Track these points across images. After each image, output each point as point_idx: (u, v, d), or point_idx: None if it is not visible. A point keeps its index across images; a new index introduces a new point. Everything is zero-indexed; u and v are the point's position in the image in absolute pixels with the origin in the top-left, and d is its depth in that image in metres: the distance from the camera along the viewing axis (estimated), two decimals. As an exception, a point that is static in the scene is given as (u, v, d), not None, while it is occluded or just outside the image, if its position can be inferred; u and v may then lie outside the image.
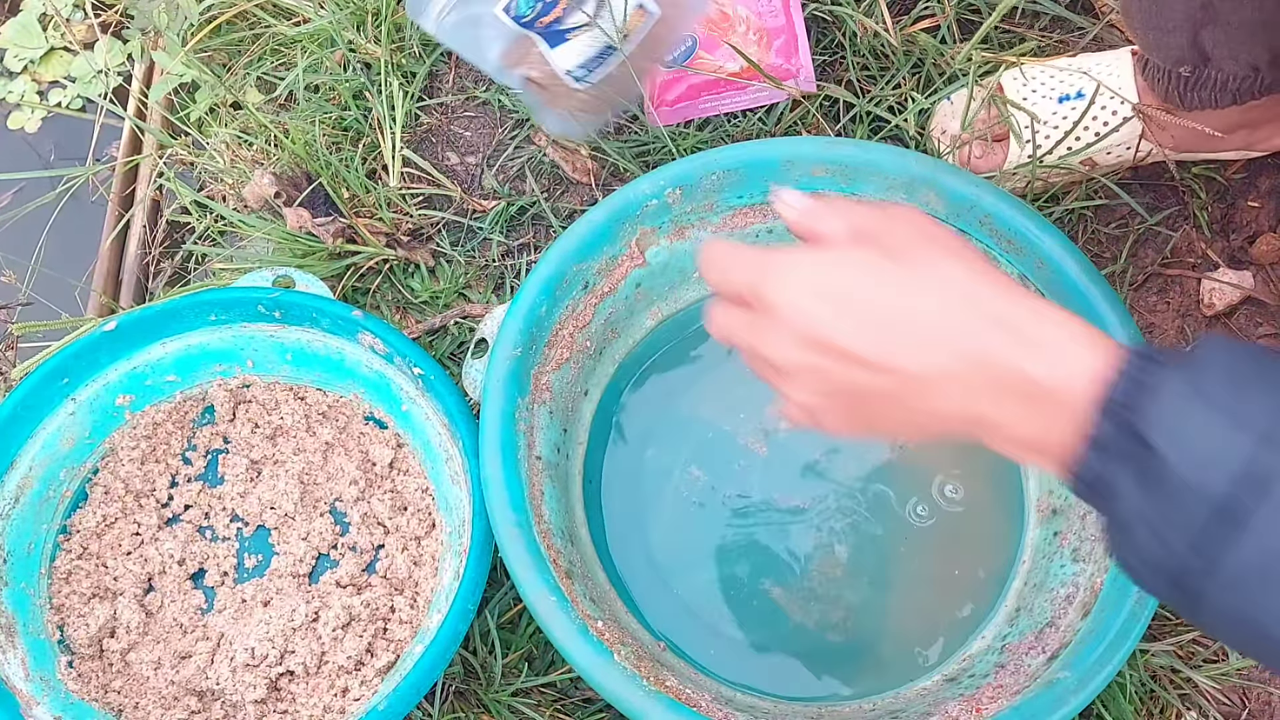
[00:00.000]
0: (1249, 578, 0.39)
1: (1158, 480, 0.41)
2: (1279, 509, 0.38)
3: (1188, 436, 0.41)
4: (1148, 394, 0.43)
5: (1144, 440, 0.42)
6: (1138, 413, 0.43)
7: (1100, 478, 0.44)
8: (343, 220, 1.02)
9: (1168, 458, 0.41)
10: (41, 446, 0.91)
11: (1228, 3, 0.74)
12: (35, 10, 1.27)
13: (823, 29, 1.07)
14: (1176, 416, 0.41)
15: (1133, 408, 0.43)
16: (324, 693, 0.85)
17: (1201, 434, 0.41)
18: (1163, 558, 0.42)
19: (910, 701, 0.82)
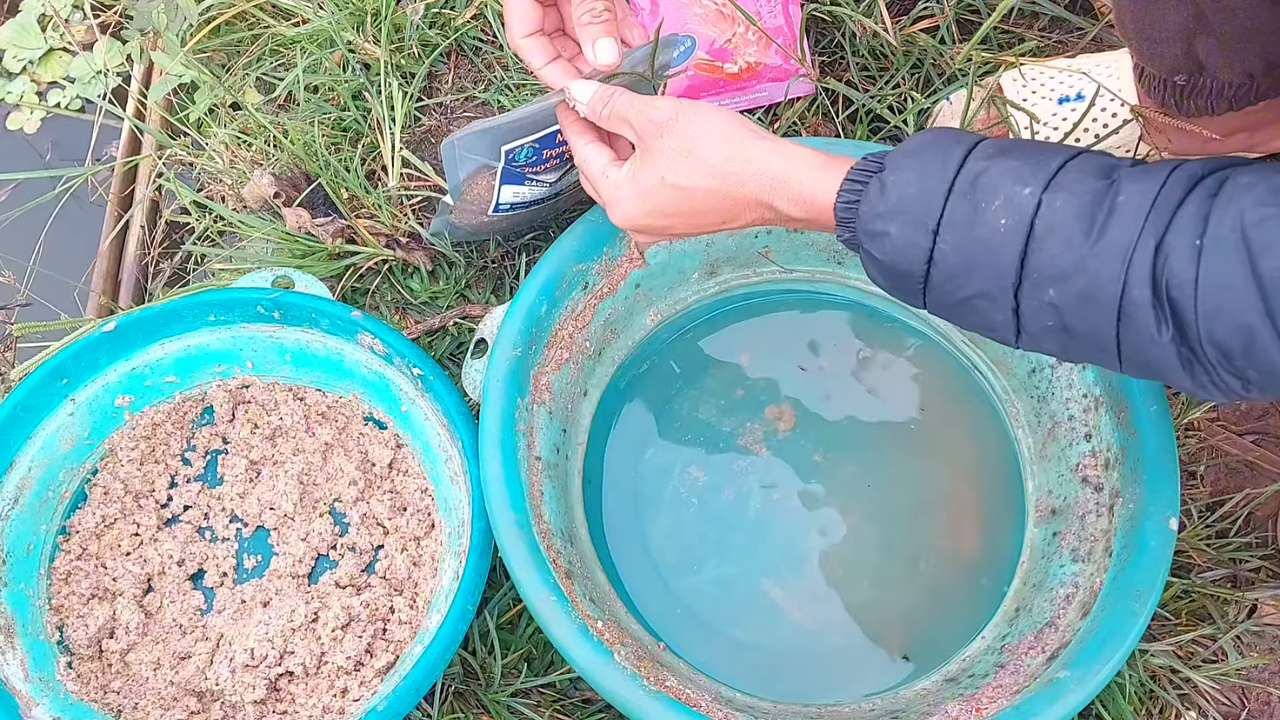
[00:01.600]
0: (941, 305, 0.62)
1: (880, 265, 0.64)
2: (948, 275, 0.60)
3: (886, 239, 0.62)
4: (856, 213, 0.64)
5: (863, 244, 0.64)
6: (855, 225, 0.64)
7: (852, 248, 0.66)
8: (342, 221, 1.02)
9: (878, 255, 0.63)
10: (41, 447, 0.91)
11: (1220, 12, 0.74)
12: (34, 11, 1.27)
13: (822, 29, 1.07)
14: (875, 228, 0.62)
15: (851, 221, 0.64)
16: (323, 693, 0.85)
17: (894, 238, 0.61)
18: (900, 298, 0.65)
19: (910, 701, 0.82)
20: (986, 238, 0.58)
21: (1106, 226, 0.55)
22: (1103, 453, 0.83)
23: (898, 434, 0.93)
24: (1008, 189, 0.58)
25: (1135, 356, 0.57)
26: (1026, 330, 0.60)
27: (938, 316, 0.65)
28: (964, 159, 0.60)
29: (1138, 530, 0.77)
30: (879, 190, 0.62)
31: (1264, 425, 0.97)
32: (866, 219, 0.62)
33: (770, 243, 0.94)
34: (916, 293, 0.63)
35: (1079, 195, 0.56)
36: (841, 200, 0.64)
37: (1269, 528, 0.93)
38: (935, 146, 0.62)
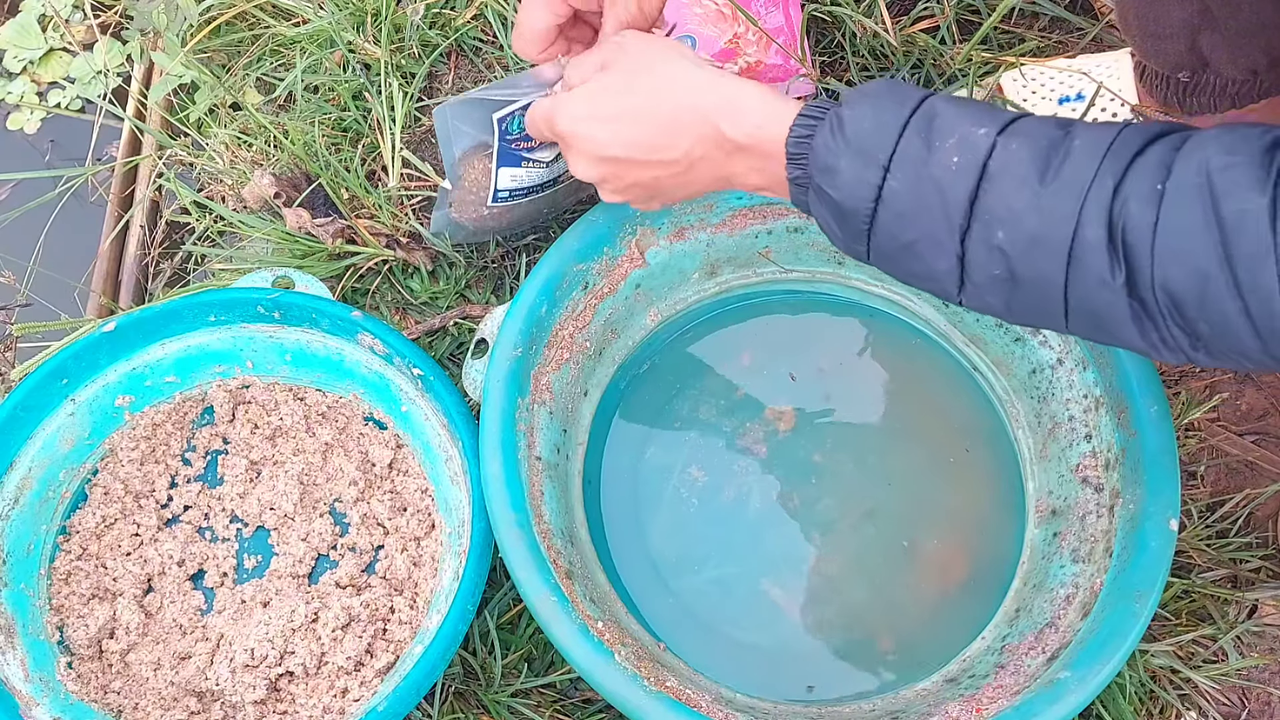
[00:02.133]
0: (885, 250, 0.61)
1: (831, 204, 0.62)
2: (896, 215, 0.59)
3: (838, 174, 0.60)
4: (809, 147, 0.62)
5: (815, 180, 0.62)
6: (807, 160, 0.62)
7: (803, 204, 0.65)
8: (342, 221, 1.02)
9: (830, 192, 0.61)
10: (41, 447, 0.91)
11: (1225, 8, 0.74)
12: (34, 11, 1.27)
13: (822, 29, 1.07)
14: (828, 160, 0.61)
15: (803, 158, 0.63)
16: (323, 693, 0.85)
17: (846, 173, 0.60)
18: (844, 243, 0.64)
19: (910, 702, 0.82)
20: (938, 175, 0.57)
21: (1061, 169, 0.54)
22: (1103, 453, 0.83)
23: (897, 434, 0.93)
24: (963, 129, 0.57)
25: (1083, 306, 0.55)
26: (971, 280, 0.58)
27: (881, 267, 0.63)
28: (920, 100, 0.59)
29: (1138, 531, 0.77)
30: (835, 124, 0.61)
31: (1264, 425, 0.97)
32: (820, 152, 0.61)
33: (770, 243, 0.94)
34: (861, 235, 0.61)
35: (1035, 139, 0.56)
36: (794, 135, 0.63)
37: (1269, 528, 0.93)
38: (893, 89, 0.61)
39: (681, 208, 0.89)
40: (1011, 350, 0.90)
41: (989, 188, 0.56)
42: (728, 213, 0.91)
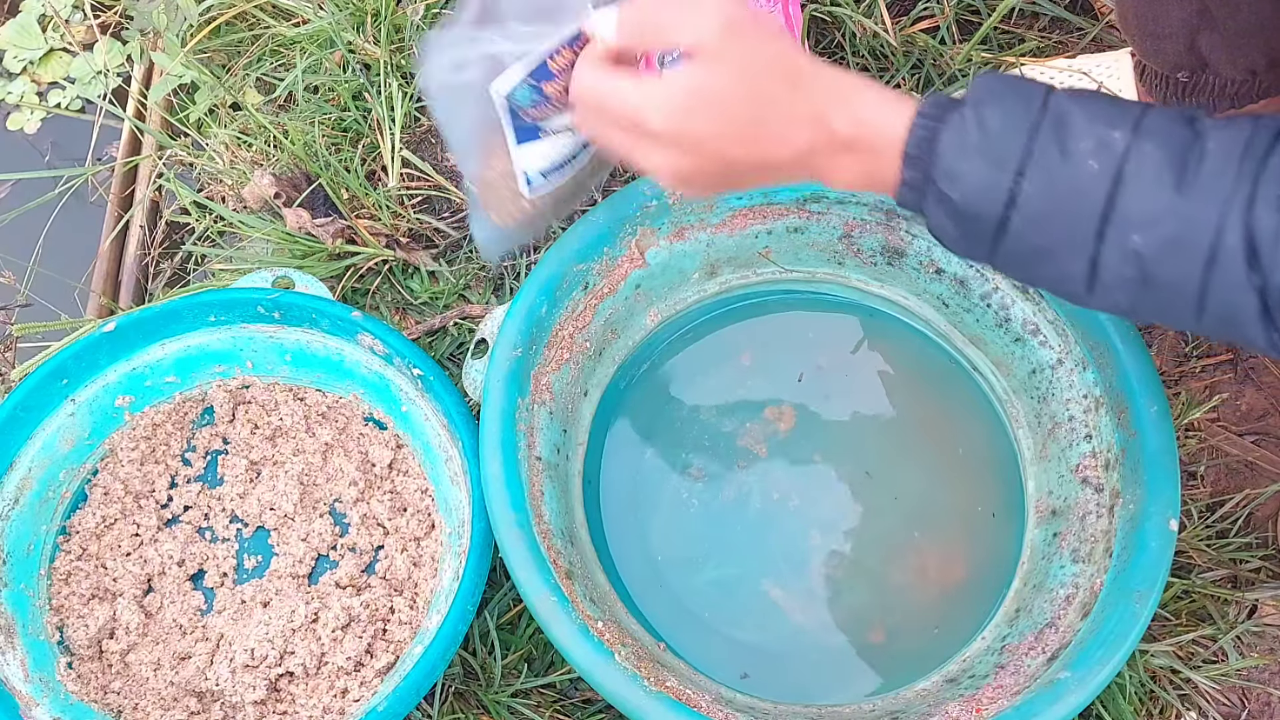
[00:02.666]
0: (1013, 253, 0.59)
1: (952, 208, 0.58)
2: (1029, 219, 0.57)
3: (963, 179, 0.57)
4: (931, 149, 0.58)
5: (936, 183, 0.58)
6: (928, 163, 0.58)
7: (914, 204, 0.61)
8: (342, 221, 1.02)
9: (952, 196, 0.58)
10: (41, 447, 0.91)
11: (1224, 8, 0.74)
12: (34, 11, 1.27)
13: (822, 29, 1.07)
14: (953, 164, 0.57)
15: (924, 159, 0.59)
16: (323, 694, 0.85)
17: (973, 176, 0.57)
18: (961, 245, 0.61)
19: (910, 702, 0.82)
20: (1075, 180, 0.55)
21: (1199, 172, 0.54)
22: (1103, 453, 0.83)
23: (897, 434, 0.93)
24: (1098, 131, 0.55)
25: (1217, 308, 0.55)
26: (1101, 281, 0.57)
27: (1003, 269, 0.61)
28: (1046, 98, 0.57)
29: (1138, 531, 0.77)
30: (961, 124, 0.57)
31: (1264, 426, 0.97)
32: (946, 156, 0.58)
33: (770, 243, 0.94)
34: (986, 239, 0.59)
35: (1168, 141, 0.55)
36: (915, 135, 0.59)
37: (1269, 528, 0.93)
38: (1015, 87, 0.58)
39: (682, 208, 0.89)
40: (1011, 350, 0.90)
41: (1125, 191, 0.55)
42: (728, 213, 0.91)
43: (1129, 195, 0.55)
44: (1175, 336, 0.99)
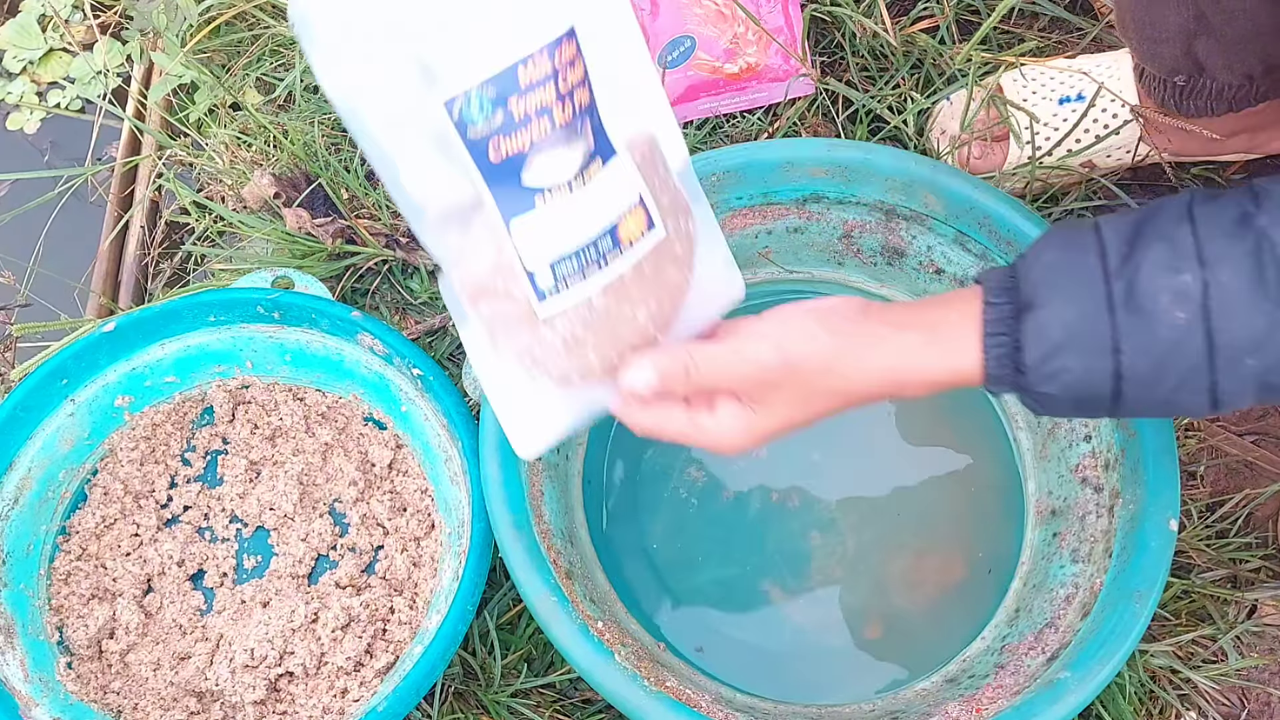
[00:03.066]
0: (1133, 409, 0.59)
1: (1057, 401, 0.60)
2: (1139, 384, 0.57)
3: (1060, 376, 0.58)
4: (1015, 367, 0.59)
5: (1032, 389, 0.59)
6: (1015, 377, 0.60)
7: (1004, 392, 0.62)
8: (342, 221, 1.02)
9: (1053, 393, 0.59)
10: (40, 447, 0.91)
11: (1220, 15, 0.74)
12: (34, 11, 1.27)
13: (822, 29, 1.07)
14: (1048, 371, 0.58)
15: (1008, 376, 0.60)
16: (323, 694, 0.85)
17: (1071, 372, 0.58)
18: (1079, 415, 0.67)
19: (910, 702, 0.82)
20: (1169, 336, 0.56)
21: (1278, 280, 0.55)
22: (1103, 453, 0.83)
23: (897, 435, 0.93)
24: (1169, 282, 0.56)
25: None
26: (1224, 401, 0.58)
27: (1130, 416, 0.63)
28: (1103, 266, 0.58)
29: (1138, 531, 0.77)
30: (1037, 333, 0.58)
31: (1264, 426, 0.97)
32: (1038, 364, 0.59)
33: (770, 243, 0.94)
34: (1101, 409, 0.60)
35: (1237, 260, 0.55)
36: (994, 361, 0.60)
37: (1269, 528, 0.93)
38: (1063, 265, 0.59)
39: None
40: (1011, 350, 0.90)
41: (1221, 327, 0.55)
42: (727, 213, 0.91)
43: (1226, 329, 0.55)
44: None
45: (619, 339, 0.59)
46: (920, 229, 0.89)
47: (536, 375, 0.59)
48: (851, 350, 0.62)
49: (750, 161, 0.87)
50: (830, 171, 0.87)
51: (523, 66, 0.51)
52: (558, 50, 0.53)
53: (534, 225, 0.53)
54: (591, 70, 0.56)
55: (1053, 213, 0.99)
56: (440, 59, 0.50)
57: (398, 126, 0.51)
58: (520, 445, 0.63)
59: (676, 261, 0.61)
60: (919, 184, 0.85)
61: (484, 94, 0.51)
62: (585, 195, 0.55)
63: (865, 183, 0.87)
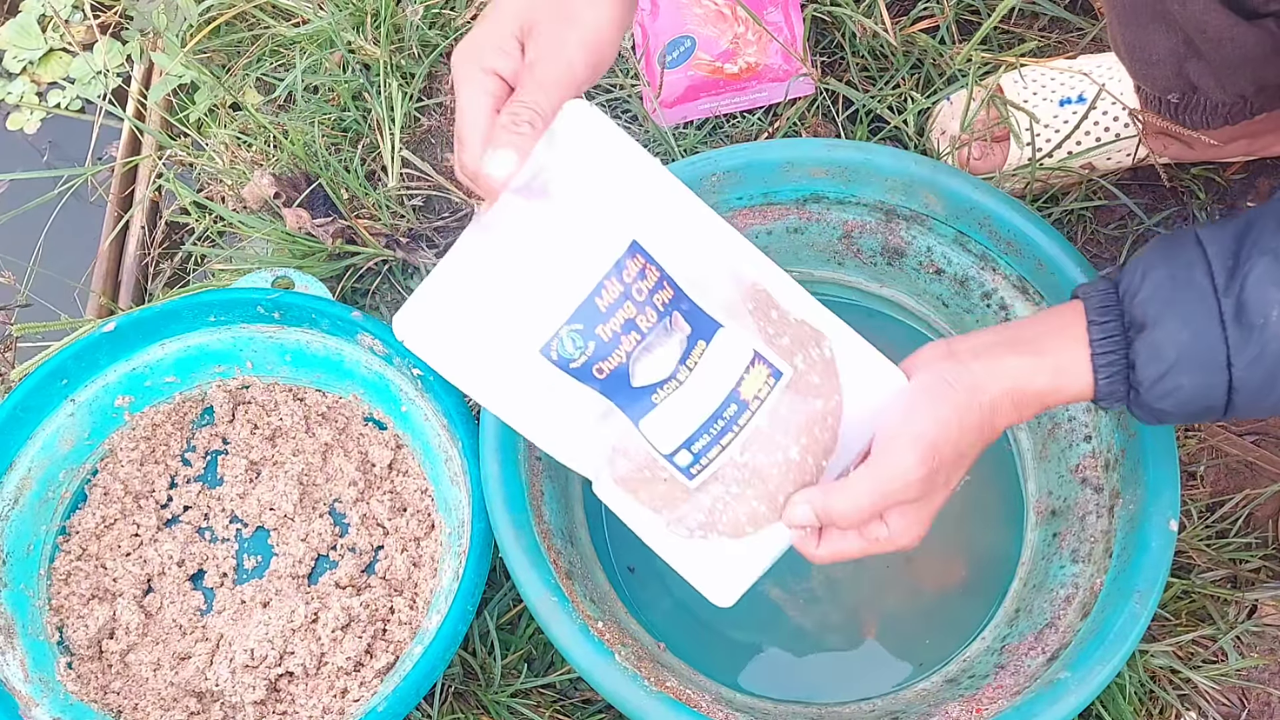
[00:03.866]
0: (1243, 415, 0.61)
1: (1171, 415, 0.62)
2: (1252, 394, 0.59)
3: (1176, 393, 0.60)
4: (1129, 385, 0.61)
5: (1145, 405, 0.61)
6: (1140, 392, 0.61)
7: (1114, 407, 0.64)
8: (342, 221, 1.02)
9: (1170, 410, 0.61)
10: (40, 448, 0.91)
11: (1207, 42, 0.74)
12: (34, 11, 1.27)
13: (822, 30, 1.07)
14: (1164, 389, 0.60)
15: (1119, 395, 0.62)
16: (323, 694, 0.85)
17: (1185, 390, 0.60)
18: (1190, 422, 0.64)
19: (910, 702, 0.82)
20: (1278, 349, 0.58)
21: None
22: (1103, 454, 0.83)
23: (898, 434, 0.93)
24: (1276, 296, 0.57)
25: None
26: None
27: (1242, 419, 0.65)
28: (1211, 283, 0.59)
29: (1138, 531, 0.77)
30: (1151, 353, 0.60)
31: (1264, 426, 0.97)
32: (1151, 384, 0.61)
33: (770, 243, 0.94)
34: (1213, 416, 0.62)
35: None
36: (1105, 381, 0.62)
37: (1269, 528, 0.93)
38: (1172, 283, 0.60)
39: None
40: (1011, 350, 0.90)
41: None
42: (727, 213, 0.91)
43: None
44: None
45: (780, 480, 0.63)
46: (920, 229, 0.89)
47: (710, 537, 0.63)
48: (973, 405, 0.63)
49: (750, 162, 0.87)
50: (830, 172, 0.87)
51: (598, 296, 0.58)
52: (624, 268, 0.58)
53: (658, 419, 0.60)
54: (668, 266, 0.60)
55: (1053, 213, 0.99)
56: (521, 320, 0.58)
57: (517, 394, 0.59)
58: (719, 598, 0.66)
59: (816, 390, 0.63)
60: (919, 184, 0.85)
61: (572, 330, 0.58)
62: (697, 377, 0.60)
63: (865, 183, 0.87)
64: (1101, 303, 0.62)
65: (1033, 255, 0.83)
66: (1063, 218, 1.00)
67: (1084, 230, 1.01)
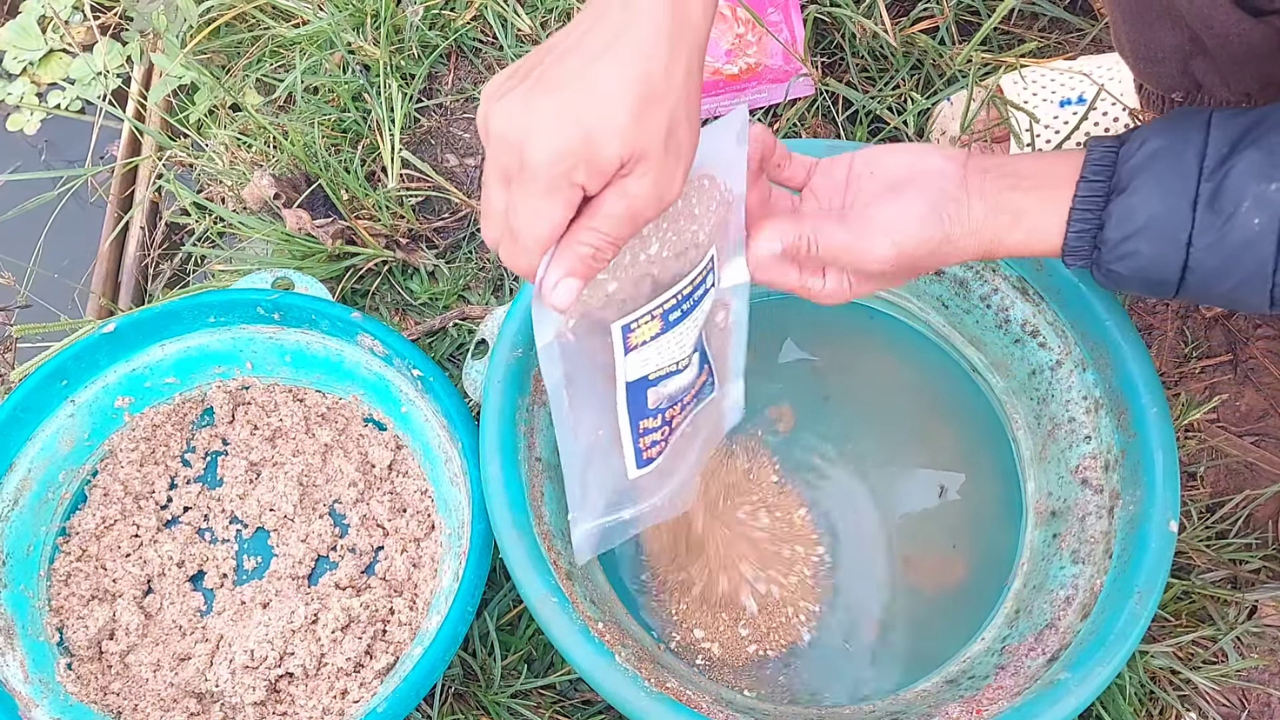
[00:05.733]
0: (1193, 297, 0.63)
1: (1124, 280, 0.64)
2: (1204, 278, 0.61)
3: (1133, 257, 0.62)
4: (1094, 240, 0.64)
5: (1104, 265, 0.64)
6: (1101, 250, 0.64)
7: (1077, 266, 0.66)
8: (342, 222, 1.02)
9: (1123, 274, 0.63)
10: (40, 448, 0.91)
11: (1214, 39, 0.74)
12: (34, 12, 1.27)
13: (822, 30, 1.07)
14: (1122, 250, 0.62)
15: (1084, 250, 0.64)
16: (323, 695, 0.85)
17: (1143, 255, 0.62)
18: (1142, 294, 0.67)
19: (911, 703, 0.82)
20: (1242, 238, 0.60)
21: None
22: (1103, 455, 0.83)
23: (897, 435, 0.93)
24: (1253, 189, 0.59)
25: None
26: None
27: (1191, 302, 0.66)
28: (1200, 165, 0.61)
29: (1138, 532, 0.77)
30: (1121, 215, 0.62)
31: (1264, 426, 0.97)
32: (1113, 245, 0.63)
33: (770, 244, 0.94)
34: (1165, 294, 0.64)
35: None
36: (1075, 237, 0.64)
37: (1269, 529, 0.93)
38: (1162, 156, 0.62)
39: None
40: (1011, 352, 0.90)
41: None
42: (727, 214, 0.91)
43: None
44: (1175, 338, 0.99)
45: None
46: (920, 230, 0.88)
47: None
48: (955, 238, 0.66)
49: (750, 162, 0.86)
50: (830, 172, 0.86)
51: None
52: None
53: None
54: None
55: (1053, 213, 0.99)
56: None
57: None
58: None
59: None
60: (919, 185, 0.85)
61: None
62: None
63: (865, 184, 0.87)
64: (1100, 160, 0.64)
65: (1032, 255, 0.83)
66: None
67: (1084, 231, 1.01)
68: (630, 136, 0.52)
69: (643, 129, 0.53)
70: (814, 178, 0.72)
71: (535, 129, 0.52)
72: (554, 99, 0.52)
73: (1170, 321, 1.00)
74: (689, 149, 0.57)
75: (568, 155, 0.51)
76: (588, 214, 0.54)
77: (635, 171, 0.54)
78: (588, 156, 0.52)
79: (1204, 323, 0.99)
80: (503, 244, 0.56)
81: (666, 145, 0.54)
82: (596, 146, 0.52)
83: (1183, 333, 0.99)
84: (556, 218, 0.54)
